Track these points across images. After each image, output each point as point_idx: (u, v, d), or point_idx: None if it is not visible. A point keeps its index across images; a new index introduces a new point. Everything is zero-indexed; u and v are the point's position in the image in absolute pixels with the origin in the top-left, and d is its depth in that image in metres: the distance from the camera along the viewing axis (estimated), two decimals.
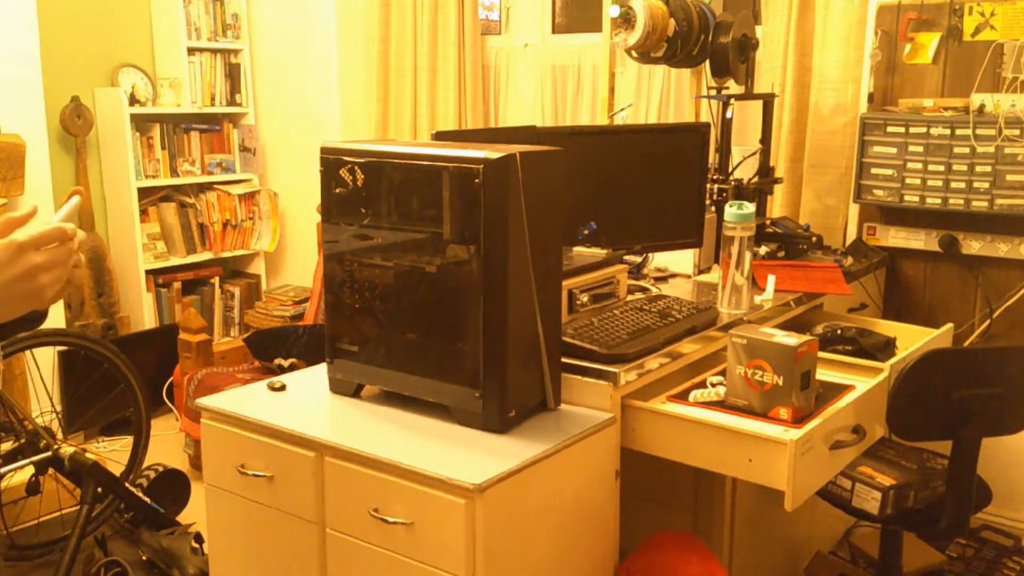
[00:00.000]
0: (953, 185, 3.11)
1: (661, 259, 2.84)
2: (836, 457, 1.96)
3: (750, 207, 2.31)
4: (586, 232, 2.40)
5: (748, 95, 3.18)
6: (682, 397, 2.01)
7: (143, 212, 4.61)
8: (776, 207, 3.51)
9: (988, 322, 3.24)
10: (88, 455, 2.94)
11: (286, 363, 3.57)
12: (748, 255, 2.32)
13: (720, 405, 1.96)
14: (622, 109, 3.36)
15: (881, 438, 2.24)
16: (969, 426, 2.22)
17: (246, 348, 3.88)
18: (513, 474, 1.64)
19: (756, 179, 3.08)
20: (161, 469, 3.28)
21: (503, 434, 1.76)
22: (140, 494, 3.09)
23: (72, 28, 4.40)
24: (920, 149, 3.15)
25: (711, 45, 3.10)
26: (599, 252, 2.21)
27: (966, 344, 3.24)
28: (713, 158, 3.00)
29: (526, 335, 1.78)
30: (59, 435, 3.18)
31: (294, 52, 4.89)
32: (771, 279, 2.50)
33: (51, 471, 2.98)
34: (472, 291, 1.71)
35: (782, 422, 1.85)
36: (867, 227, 3.45)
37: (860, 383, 2.11)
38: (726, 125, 3.01)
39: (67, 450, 2.92)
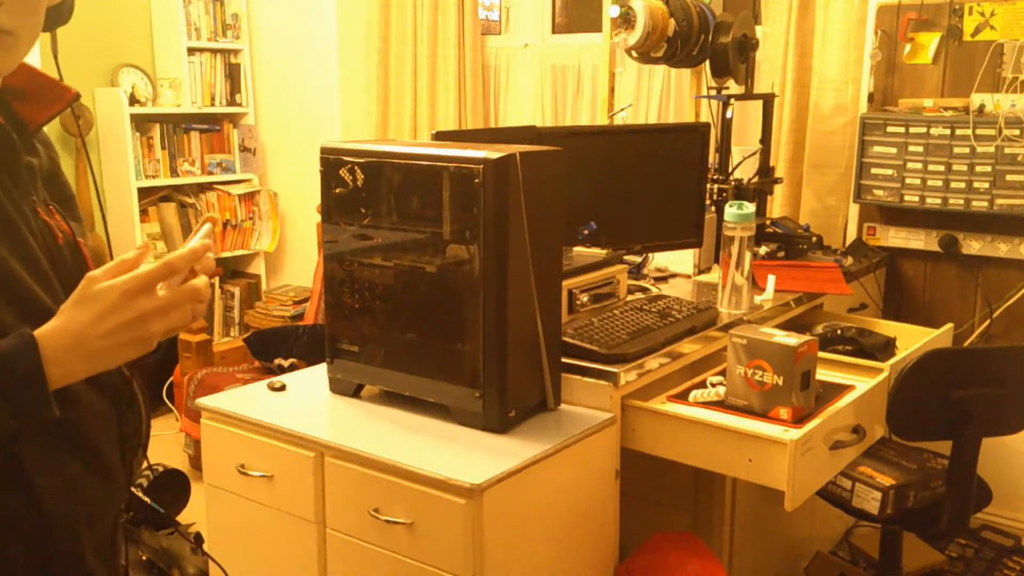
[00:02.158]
0: (953, 185, 3.11)
1: (661, 259, 2.84)
2: (836, 457, 1.96)
3: (750, 207, 2.31)
4: (586, 232, 2.40)
5: (748, 95, 3.18)
6: (682, 397, 2.01)
7: (143, 212, 4.61)
8: (776, 207, 3.51)
9: (988, 322, 3.24)
10: None
11: (286, 363, 3.57)
12: (748, 255, 2.32)
13: (720, 405, 1.96)
14: (622, 109, 3.36)
15: (881, 438, 2.24)
16: (969, 426, 2.22)
17: (246, 348, 3.87)
18: (513, 474, 1.64)
19: (756, 179, 3.08)
20: (161, 469, 3.27)
21: (503, 434, 1.76)
22: (140, 494, 3.09)
23: (72, 28, 4.38)
24: (920, 149, 3.15)
25: (711, 45, 3.09)
26: (599, 252, 2.21)
27: (966, 344, 3.24)
28: (713, 158, 3.00)
29: (526, 335, 1.78)
30: None
31: (294, 52, 4.89)
32: (771, 279, 2.50)
33: None
34: (472, 291, 1.71)
35: (782, 422, 1.85)
36: (867, 227, 3.44)
37: (860, 383, 2.11)
38: (726, 125, 3.01)
39: None
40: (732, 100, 3.04)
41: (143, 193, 4.59)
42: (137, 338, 0.96)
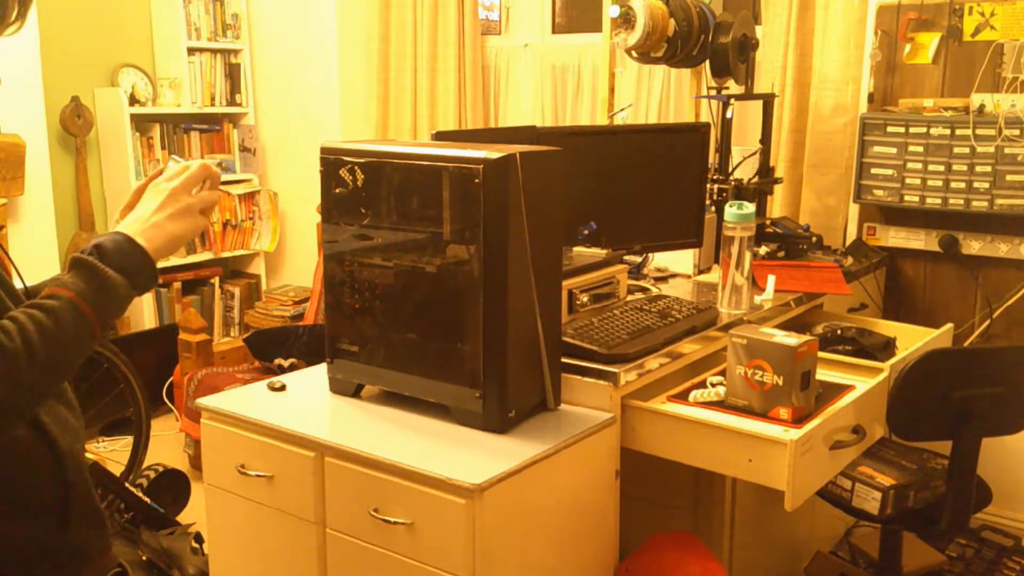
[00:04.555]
0: (953, 185, 3.11)
1: (661, 259, 2.84)
2: (836, 457, 1.96)
3: (750, 207, 2.31)
4: (586, 232, 2.40)
5: (748, 95, 3.18)
6: (682, 397, 2.01)
7: None
8: (776, 207, 3.51)
9: (988, 322, 3.24)
10: (88, 455, 2.94)
11: (286, 363, 3.57)
12: (748, 255, 2.32)
13: (720, 405, 1.96)
14: (622, 109, 3.36)
15: (881, 438, 2.24)
16: (969, 426, 2.22)
17: (246, 348, 3.87)
18: (513, 474, 1.64)
19: (756, 179, 3.08)
20: (161, 469, 3.27)
21: (503, 434, 1.76)
22: (140, 494, 3.09)
23: (72, 28, 4.40)
24: (920, 149, 3.15)
25: (711, 45, 3.10)
26: (599, 252, 2.21)
27: (966, 344, 3.24)
28: (713, 158, 3.00)
29: (526, 335, 1.78)
30: None
31: (294, 52, 4.89)
32: (771, 279, 2.50)
33: None
34: (472, 291, 1.71)
35: (782, 422, 1.85)
36: (867, 227, 3.45)
37: (860, 383, 2.11)
38: (726, 125, 3.01)
39: None
40: (732, 100, 3.04)
41: None
42: (192, 222, 1.28)
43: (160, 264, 1.25)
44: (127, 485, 3.09)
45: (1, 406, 1.08)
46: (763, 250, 2.93)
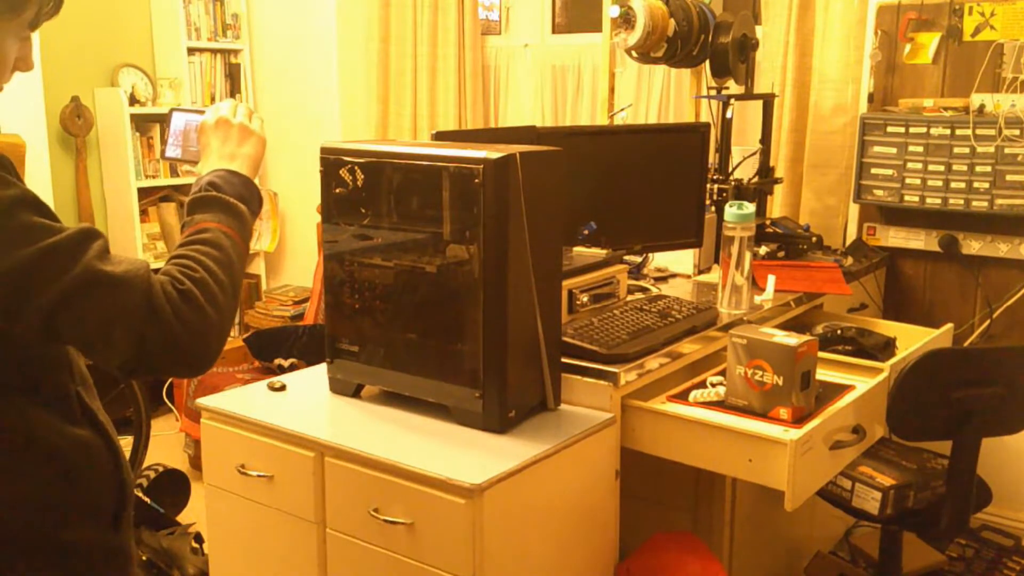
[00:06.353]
0: (953, 185, 3.11)
1: (661, 259, 2.84)
2: (836, 457, 1.96)
3: (750, 207, 2.31)
4: (586, 232, 2.40)
5: (748, 95, 3.18)
6: (682, 397, 2.01)
7: (143, 212, 4.61)
8: (776, 207, 3.51)
9: (988, 322, 3.24)
10: None
11: (286, 363, 3.57)
12: (748, 255, 2.32)
13: (720, 405, 1.96)
14: (622, 109, 3.35)
15: (881, 438, 2.24)
16: (969, 426, 2.22)
17: (246, 348, 3.88)
18: (513, 474, 1.64)
19: (756, 179, 3.08)
20: (161, 469, 3.27)
21: (503, 434, 1.76)
22: (140, 494, 3.09)
23: (72, 28, 4.39)
24: (920, 149, 3.15)
25: (711, 45, 3.09)
26: (599, 252, 2.21)
27: (966, 344, 3.24)
28: (713, 158, 3.00)
29: (526, 335, 1.78)
30: None
31: (294, 52, 4.89)
32: (771, 279, 2.50)
33: None
34: (472, 291, 1.71)
35: (782, 422, 1.85)
36: (867, 227, 3.44)
37: (860, 383, 2.11)
38: (726, 125, 3.01)
39: None
40: (732, 100, 3.04)
41: (143, 193, 4.59)
42: (254, 137, 1.40)
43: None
44: None
45: (220, 334, 1.14)
46: (763, 250, 2.93)
